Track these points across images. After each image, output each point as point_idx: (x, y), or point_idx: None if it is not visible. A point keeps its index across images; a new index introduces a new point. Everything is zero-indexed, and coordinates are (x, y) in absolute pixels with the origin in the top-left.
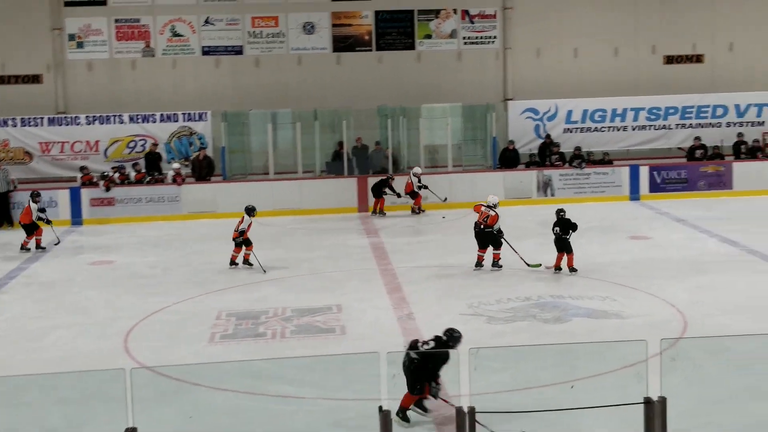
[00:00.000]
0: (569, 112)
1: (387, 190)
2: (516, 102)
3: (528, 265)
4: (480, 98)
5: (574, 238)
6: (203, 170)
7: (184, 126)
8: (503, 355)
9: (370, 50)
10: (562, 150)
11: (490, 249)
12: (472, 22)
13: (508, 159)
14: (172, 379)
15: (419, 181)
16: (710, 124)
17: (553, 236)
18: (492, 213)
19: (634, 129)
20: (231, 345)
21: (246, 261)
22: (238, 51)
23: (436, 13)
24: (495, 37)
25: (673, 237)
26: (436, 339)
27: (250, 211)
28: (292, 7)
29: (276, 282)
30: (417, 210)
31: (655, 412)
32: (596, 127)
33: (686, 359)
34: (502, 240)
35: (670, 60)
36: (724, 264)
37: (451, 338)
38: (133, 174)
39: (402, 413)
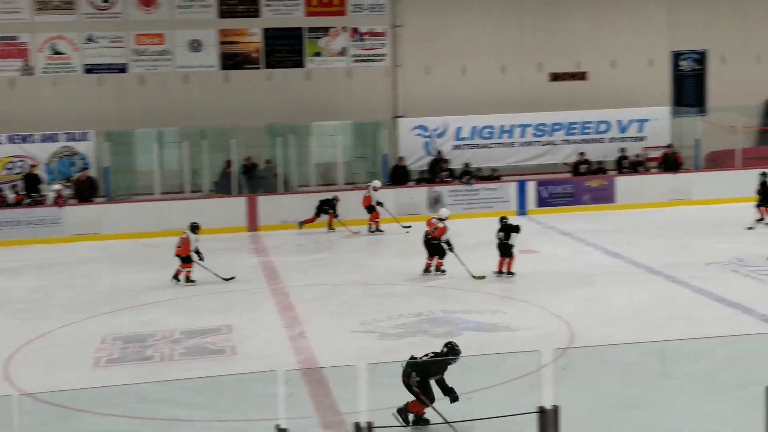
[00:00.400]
0: (458, 129)
1: (331, 210)
2: (406, 119)
3: (473, 277)
4: (370, 115)
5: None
6: (86, 191)
7: (65, 146)
8: (399, 370)
9: (259, 68)
10: (452, 166)
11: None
12: (362, 40)
13: (398, 176)
14: (56, 406)
15: (377, 192)
16: (594, 139)
17: (497, 241)
18: (440, 225)
19: (521, 145)
20: (117, 369)
21: (188, 279)
22: (121, 69)
23: (326, 30)
24: (385, 55)
25: (560, 250)
26: (435, 354)
27: (195, 228)
28: (178, 24)
29: (164, 303)
30: (373, 228)
31: (548, 421)
32: (485, 144)
33: (574, 369)
34: (450, 251)
35: (555, 77)
36: (609, 276)
37: (451, 351)
38: (11, 196)
39: (403, 413)
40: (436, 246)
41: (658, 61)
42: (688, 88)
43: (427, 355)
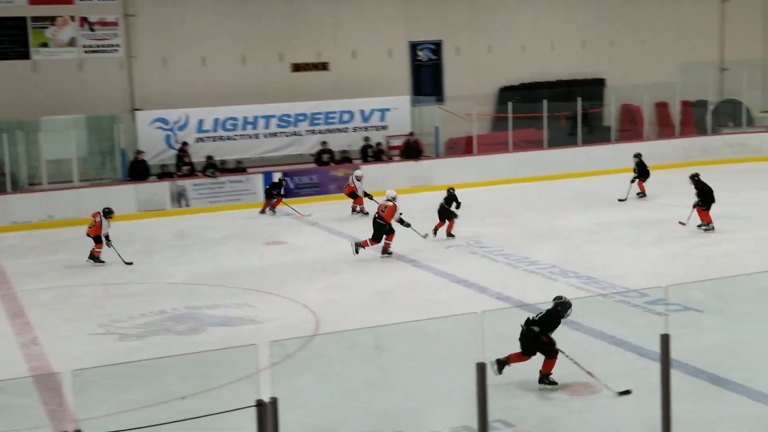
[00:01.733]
0: (200, 121)
1: (277, 193)
2: (144, 112)
3: (422, 236)
4: (106, 109)
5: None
6: None
7: None
8: (133, 372)
9: None
10: (195, 159)
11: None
12: (93, 30)
13: (138, 171)
14: None
15: (360, 182)
16: (338, 129)
17: (438, 206)
18: (390, 204)
19: (266, 136)
20: None
21: (97, 259)
22: None
23: (52, 20)
24: (118, 46)
25: (308, 240)
26: (546, 311)
27: (108, 213)
28: None
29: None
30: (358, 210)
31: (266, 414)
32: (228, 136)
33: (318, 357)
34: (407, 227)
35: (297, 68)
36: (355, 264)
37: (561, 304)
38: None
39: (546, 380)
40: (381, 227)
41: (397, 52)
42: (426, 77)
43: (540, 313)
